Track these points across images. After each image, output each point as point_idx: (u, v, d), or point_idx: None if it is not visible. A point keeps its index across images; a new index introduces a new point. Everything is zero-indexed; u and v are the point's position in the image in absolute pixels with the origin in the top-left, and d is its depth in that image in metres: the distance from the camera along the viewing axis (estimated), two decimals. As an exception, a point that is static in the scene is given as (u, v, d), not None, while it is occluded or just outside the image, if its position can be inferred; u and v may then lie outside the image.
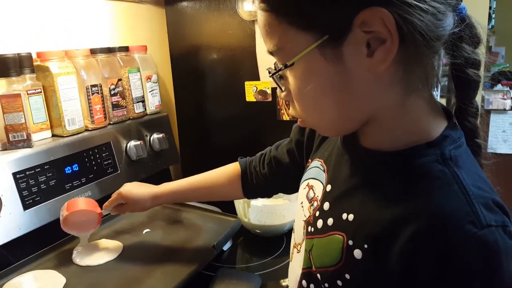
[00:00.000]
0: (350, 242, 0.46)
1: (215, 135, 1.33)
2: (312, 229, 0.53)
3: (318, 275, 0.51)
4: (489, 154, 0.50)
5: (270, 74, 0.49)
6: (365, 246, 0.44)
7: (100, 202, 1.08)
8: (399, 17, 0.38)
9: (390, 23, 0.39)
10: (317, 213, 0.53)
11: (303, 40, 0.42)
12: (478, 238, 0.38)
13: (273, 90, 1.17)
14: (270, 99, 1.18)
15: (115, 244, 0.90)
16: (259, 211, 1.01)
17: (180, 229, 0.99)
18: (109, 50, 1.14)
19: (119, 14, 1.26)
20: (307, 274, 0.54)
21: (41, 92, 0.97)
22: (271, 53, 0.47)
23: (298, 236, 0.58)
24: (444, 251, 0.38)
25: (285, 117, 1.17)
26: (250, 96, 1.21)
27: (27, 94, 0.93)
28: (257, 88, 1.20)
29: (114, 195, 0.88)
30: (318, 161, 0.59)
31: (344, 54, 0.41)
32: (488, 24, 2.76)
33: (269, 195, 0.87)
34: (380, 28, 0.39)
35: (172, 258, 0.85)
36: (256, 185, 0.80)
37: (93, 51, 1.10)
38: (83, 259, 0.85)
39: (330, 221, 0.50)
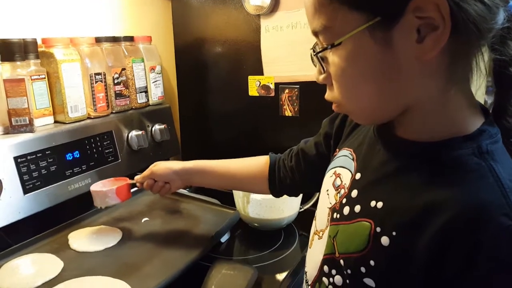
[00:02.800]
0: (378, 229, 0.46)
1: (216, 128, 1.34)
2: (338, 215, 0.53)
3: (341, 261, 0.50)
4: None
5: (315, 53, 0.48)
6: (393, 233, 0.44)
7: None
8: (454, 4, 0.38)
9: (444, 10, 0.38)
10: (344, 200, 0.53)
11: (353, 20, 0.42)
12: (511, 231, 0.38)
13: (276, 85, 1.18)
14: (273, 94, 1.19)
15: (114, 231, 0.91)
16: (258, 205, 1.01)
17: (179, 219, 0.99)
18: (114, 39, 1.14)
19: (125, 4, 1.26)
20: (329, 260, 0.53)
21: (45, 78, 0.97)
22: (315, 33, 0.47)
23: (321, 223, 0.58)
24: (477, 242, 0.38)
25: (287, 113, 1.18)
26: (253, 91, 1.22)
27: (31, 79, 0.93)
28: (260, 83, 1.20)
29: None
30: (347, 150, 0.59)
31: (394, 38, 0.41)
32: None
33: (294, 192, 0.85)
34: (433, 14, 0.39)
35: (170, 247, 0.85)
36: (283, 178, 0.79)
37: (98, 40, 1.10)
38: (81, 244, 0.85)
39: (357, 208, 0.50)
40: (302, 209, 1.07)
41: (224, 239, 0.99)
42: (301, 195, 1.05)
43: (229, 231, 1.00)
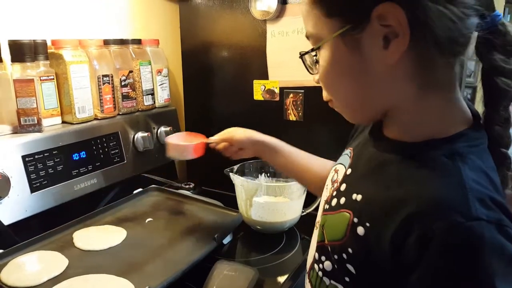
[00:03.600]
0: (355, 220, 0.50)
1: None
2: (328, 206, 0.58)
3: (329, 248, 0.55)
4: None
5: (300, 55, 0.54)
6: (367, 224, 0.48)
7: (106, 190, 1.10)
8: (411, 14, 0.42)
9: (402, 19, 0.42)
10: (334, 193, 0.58)
11: (330, 27, 0.47)
12: (463, 228, 0.39)
13: (281, 89, 1.19)
14: (277, 98, 1.20)
15: (118, 231, 0.92)
16: (260, 207, 1.02)
17: (182, 220, 1.00)
18: (122, 42, 1.16)
19: (133, 7, 1.28)
20: (320, 247, 0.57)
21: (53, 79, 0.99)
22: (307, 37, 0.53)
23: (319, 215, 0.62)
24: (428, 236, 0.40)
25: (292, 117, 1.19)
26: (258, 95, 1.23)
27: (40, 80, 0.95)
28: (265, 87, 1.21)
29: None
30: (349, 149, 0.63)
31: (362, 44, 0.46)
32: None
33: None
34: (393, 22, 0.43)
35: (173, 247, 0.86)
36: None
37: (106, 42, 1.12)
38: (86, 243, 0.86)
39: (342, 200, 0.54)
40: (304, 213, 1.08)
41: (226, 241, 1.00)
42: (303, 198, 1.06)
43: (232, 233, 1.01)
